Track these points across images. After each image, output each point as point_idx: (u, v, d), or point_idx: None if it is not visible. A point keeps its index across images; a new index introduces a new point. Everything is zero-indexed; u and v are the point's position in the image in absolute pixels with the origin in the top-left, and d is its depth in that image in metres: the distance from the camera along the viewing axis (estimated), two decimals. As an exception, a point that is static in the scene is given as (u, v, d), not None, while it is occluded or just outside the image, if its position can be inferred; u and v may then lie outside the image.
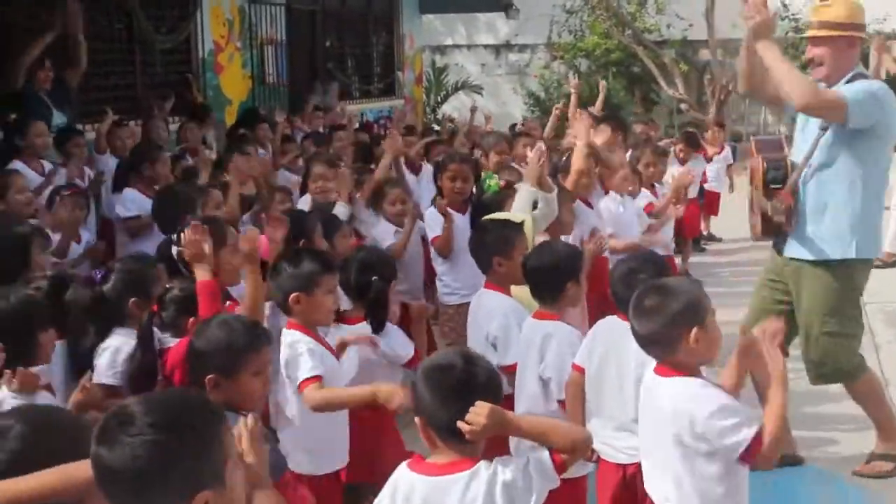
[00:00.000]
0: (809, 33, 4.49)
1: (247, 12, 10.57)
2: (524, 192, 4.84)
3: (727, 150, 10.97)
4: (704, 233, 10.32)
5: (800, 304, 4.54)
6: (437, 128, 11.06)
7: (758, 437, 2.77)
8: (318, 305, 3.58)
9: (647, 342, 3.00)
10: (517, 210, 4.81)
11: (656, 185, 7.17)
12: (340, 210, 5.30)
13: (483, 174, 5.44)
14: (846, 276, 4.43)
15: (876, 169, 4.39)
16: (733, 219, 10.37)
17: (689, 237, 9.35)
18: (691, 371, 2.93)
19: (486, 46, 21.71)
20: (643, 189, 6.78)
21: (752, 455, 2.78)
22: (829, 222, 4.39)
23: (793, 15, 18.89)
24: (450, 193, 5.51)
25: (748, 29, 4.32)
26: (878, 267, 8.48)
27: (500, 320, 4.05)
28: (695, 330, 2.87)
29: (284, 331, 3.57)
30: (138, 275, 3.83)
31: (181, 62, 9.69)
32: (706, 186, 10.08)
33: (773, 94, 4.55)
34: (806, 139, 4.50)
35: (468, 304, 5.26)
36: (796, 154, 4.56)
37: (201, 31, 9.80)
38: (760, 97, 4.84)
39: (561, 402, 3.71)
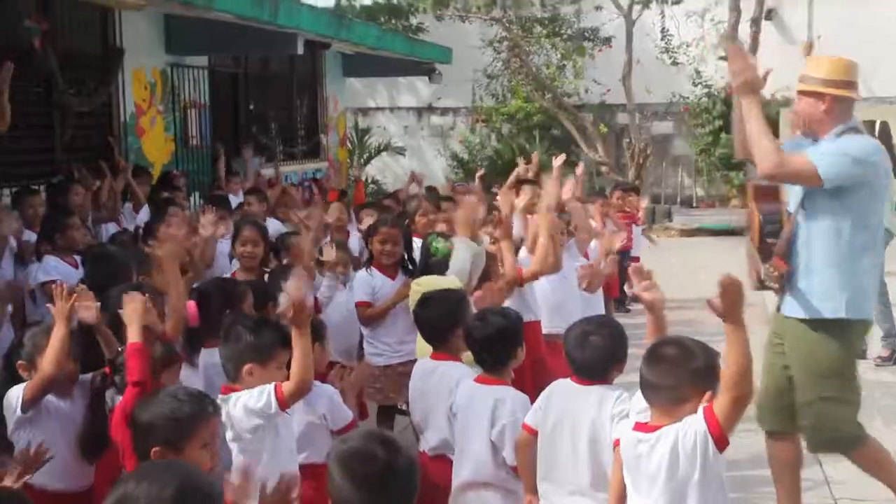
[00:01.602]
0: (797, 87, 4.44)
1: (169, 75, 10.50)
2: (463, 248, 4.86)
3: (644, 214, 11.18)
4: (629, 294, 10.42)
5: (795, 366, 4.40)
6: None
7: (712, 416, 2.85)
8: (269, 380, 3.47)
9: (660, 391, 2.97)
10: (458, 266, 4.81)
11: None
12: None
13: (428, 237, 5.42)
14: (840, 336, 4.29)
15: (862, 225, 4.28)
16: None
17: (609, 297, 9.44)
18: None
19: (408, 109, 21.92)
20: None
21: (718, 435, 2.84)
22: (819, 279, 4.29)
23: (705, 81, 19.51)
24: (379, 256, 5.50)
25: (735, 86, 4.25)
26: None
27: None
28: (709, 394, 2.90)
29: (228, 395, 3.46)
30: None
31: (101, 125, 9.55)
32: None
33: None
34: (795, 190, 4.44)
35: (395, 364, 5.30)
36: (791, 204, 4.49)
37: (122, 95, 9.69)
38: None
39: (513, 468, 3.70)
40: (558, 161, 7.41)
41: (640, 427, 3.03)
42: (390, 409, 5.52)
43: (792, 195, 4.50)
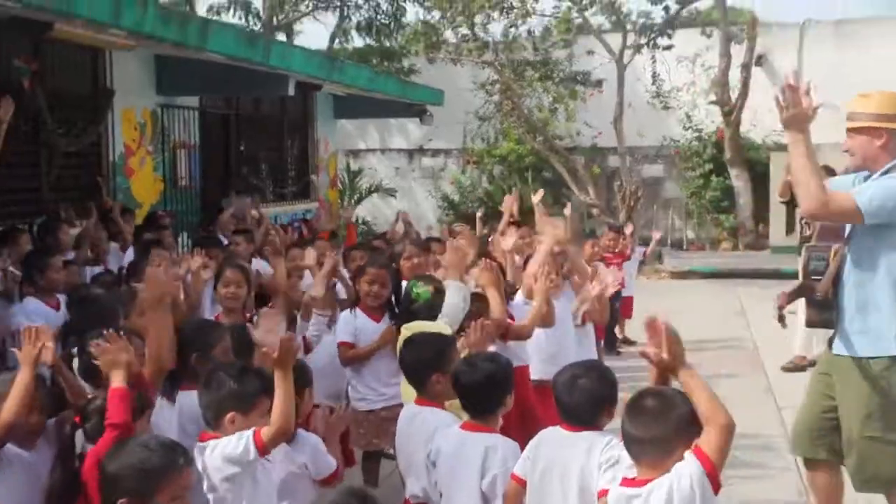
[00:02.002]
0: (847, 125, 4.36)
1: (159, 116, 10.48)
2: (454, 292, 4.77)
3: (637, 254, 11.15)
4: (620, 336, 10.36)
5: (842, 403, 4.39)
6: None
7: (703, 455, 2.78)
8: (251, 428, 3.35)
9: (645, 444, 2.89)
10: (450, 310, 4.73)
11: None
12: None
13: (408, 282, 5.34)
14: (889, 375, 4.24)
15: None
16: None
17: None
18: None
19: (399, 150, 21.97)
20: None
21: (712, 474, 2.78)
22: (874, 318, 4.24)
23: (696, 125, 19.60)
24: (366, 298, 5.42)
25: (782, 119, 4.10)
26: (789, 370, 8.67)
27: None
28: (695, 443, 2.83)
29: (207, 444, 3.36)
30: None
31: (90, 165, 9.50)
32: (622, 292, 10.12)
33: None
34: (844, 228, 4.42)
35: (379, 409, 5.20)
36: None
37: (112, 135, 9.66)
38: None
39: None
40: (537, 197, 7.36)
41: (628, 483, 2.93)
42: (376, 454, 5.42)
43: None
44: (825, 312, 4.44)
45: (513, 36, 18.55)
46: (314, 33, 29.38)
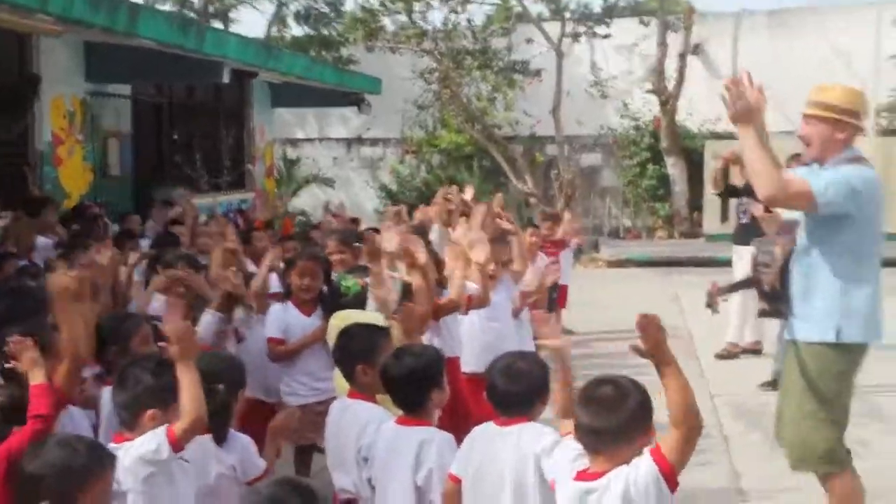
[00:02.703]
0: (806, 111, 4.39)
1: (89, 104, 10.24)
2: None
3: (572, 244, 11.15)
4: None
5: (788, 383, 4.47)
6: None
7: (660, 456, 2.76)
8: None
9: (601, 435, 2.82)
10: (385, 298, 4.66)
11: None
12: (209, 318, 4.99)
13: (336, 275, 5.25)
14: (828, 359, 4.31)
15: (857, 254, 4.30)
16: (583, 311, 10.56)
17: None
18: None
19: (338, 140, 21.81)
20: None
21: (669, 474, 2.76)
22: (817, 304, 4.33)
23: (633, 114, 19.77)
24: (297, 291, 5.32)
25: (729, 116, 4.17)
26: (722, 357, 8.78)
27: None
28: (652, 434, 2.80)
29: (121, 446, 3.25)
30: None
31: (16, 154, 9.26)
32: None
33: None
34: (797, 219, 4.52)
35: (311, 404, 5.12)
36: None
37: (40, 123, 9.42)
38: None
39: None
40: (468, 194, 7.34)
41: (583, 476, 2.87)
42: (309, 448, 5.34)
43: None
44: (775, 302, 4.54)
45: (452, 24, 18.51)
46: (251, 22, 29.05)
